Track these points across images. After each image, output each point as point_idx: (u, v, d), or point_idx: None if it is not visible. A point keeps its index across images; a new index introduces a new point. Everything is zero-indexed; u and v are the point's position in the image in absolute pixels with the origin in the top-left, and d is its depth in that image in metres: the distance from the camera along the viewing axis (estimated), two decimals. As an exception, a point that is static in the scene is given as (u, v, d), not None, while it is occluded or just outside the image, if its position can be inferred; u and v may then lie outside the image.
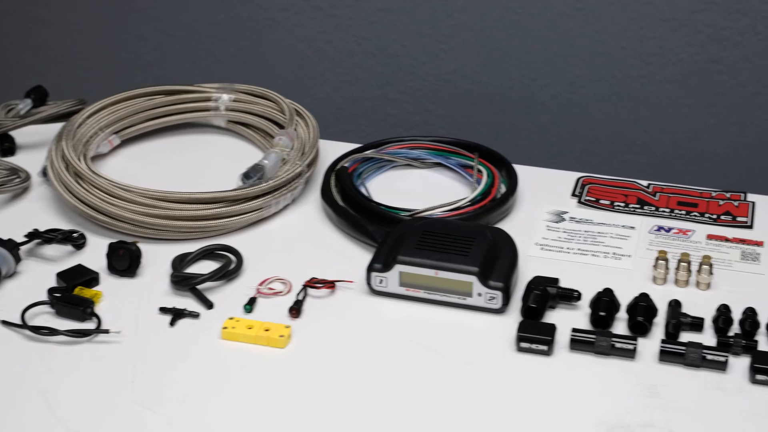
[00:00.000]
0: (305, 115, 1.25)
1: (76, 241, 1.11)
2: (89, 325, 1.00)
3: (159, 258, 1.09)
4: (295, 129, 1.22)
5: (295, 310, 1.02)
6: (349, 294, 1.05)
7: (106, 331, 0.99)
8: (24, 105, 1.29)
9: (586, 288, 1.03)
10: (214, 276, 1.05)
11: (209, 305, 1.03)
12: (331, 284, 1.05)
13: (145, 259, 1.08)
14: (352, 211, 1.14)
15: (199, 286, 1.05)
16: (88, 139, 1.22)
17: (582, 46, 1.48)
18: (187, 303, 1.04)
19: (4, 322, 1.00)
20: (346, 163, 1.21)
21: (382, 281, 1.04)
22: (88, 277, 1.06)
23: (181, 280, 1.05)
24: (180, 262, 1.07)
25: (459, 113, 1.57)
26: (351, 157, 1.22)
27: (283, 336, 0.99)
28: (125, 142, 1.29)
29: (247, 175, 1.15)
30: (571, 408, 0.92)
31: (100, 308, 1.03)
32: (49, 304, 1.02)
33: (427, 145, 1.25)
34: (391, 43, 1.54)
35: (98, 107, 1.25)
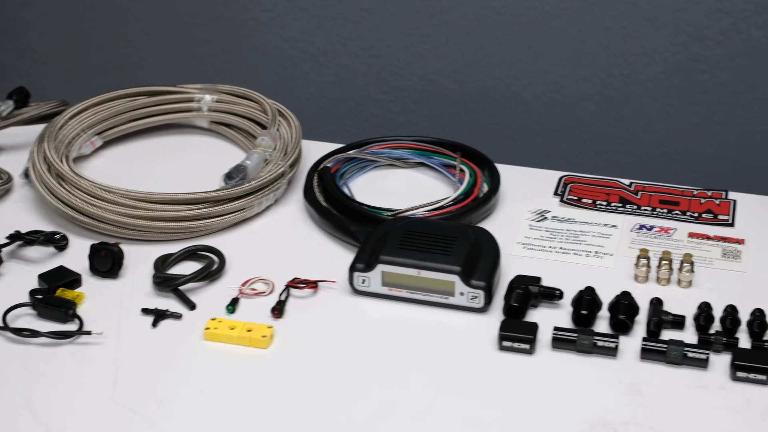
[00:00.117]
0: (288, 116, 1.25)
1: (58, 243, 1.11)
2: (71, 327, 1.00)
3: (141, 259, 1.09)
4: (278, 129, 1.22)
5: (278, 311, 1.02)
6: (331, 294, 1.05)
7: (88, 333, 0.99)
8: (6, 106, 1.29)
9: (569, 287, 1.03)
10: (197, 277, 1.05)
11: (192, 306, 1.03)
12: (313, 284, 1.05)
13: (128, 260, 1.08)
14: (335, 211, 1.14)
15: (181, 287, 1.05)
16: (71, 141, 1.21)
17: (565, 46, 1.49)
18: (170, 304, 1.04)
19: (-14, 324, 1.00)
20: (328, 164, 1.21)
21: (364, 281, 1.04)
22: (70, 279, 1.05)
23: (164, 281, 1.05)
24: (162, 263, 1.07)
25: (443, 113, 1.57)
26: (334, 158, 1.22)
27: (266, 336, 0.99)
28: (108, 144, 1.28)
29: (229, 176, 1.15)
30: (553, 406, 0.92)
31: (82, 310, 1.03)
32: (31, 306, 1.02)
33: (409, 144, 1.25)
34: (374, 44, 1.54)
35: (80, 108, 1.25)
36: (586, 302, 1.01)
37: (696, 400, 0.93)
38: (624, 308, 1.00)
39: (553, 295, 1.03)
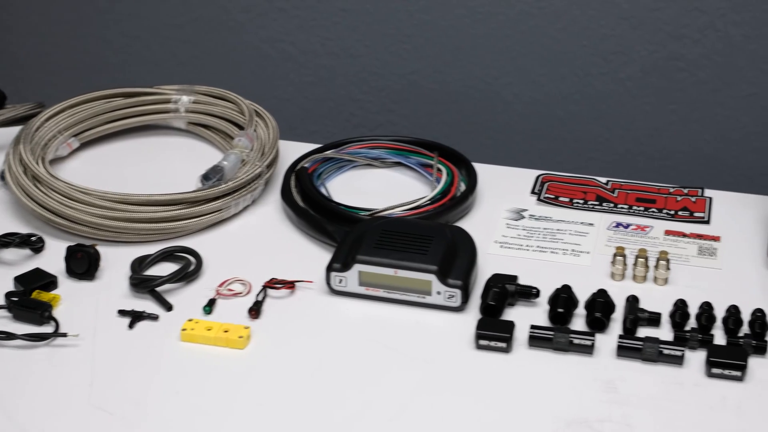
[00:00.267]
0: (265, 116, 1.25)
1: (35, 245, 1.10)
2: (47, 329, 1.00)
3: (118, 261, 1.08)
4: (255, 130, 1.22)
5: (255, 311, 1.02)
6: (308, 294, 1.05)
7: (64, 335, 0.99)
8: (-18, 109, 1.29)
9: (545, 285, 1.04)
10: (174, 278, 1.05)
11: (168, 307, 1.03)
12: (290, 284, 1.05)
13: (104, 261, 1.08)
14: (312, 211, 1.14)
15: (158, 288, 1.04)
16: (47, 143, 1.21)
17: (544, 45, 1.49)
18: (147, 305, 1.03)
19: (-39, 327, 1.00)
20: (306, 164, 1.21)
21: (341, 281, 1.04)
22: (46, 281, 1.05)
23: (140, 283, 1.05)
24: (139, 265, 1.07)
25: (422, 113, 1.57)
26: (311, 158, 1.22)
27: (243, 337, 0.99)
28: (84, 145, 1.28)
29: (206, 177, 1.15)
30: (529, 404, 0.93)
31: (58, 312, 1.02)
32: (6, 308, 1.02)
33: (387, 144, 1.25)
34: (354, 44, 1.54)
35: (56, 110, 1.24)
36: (563, 300, 1.01)
37: (671, 397, 0.93)
38: (600, 306, 1.01)
39: (529, 294, 1.03)
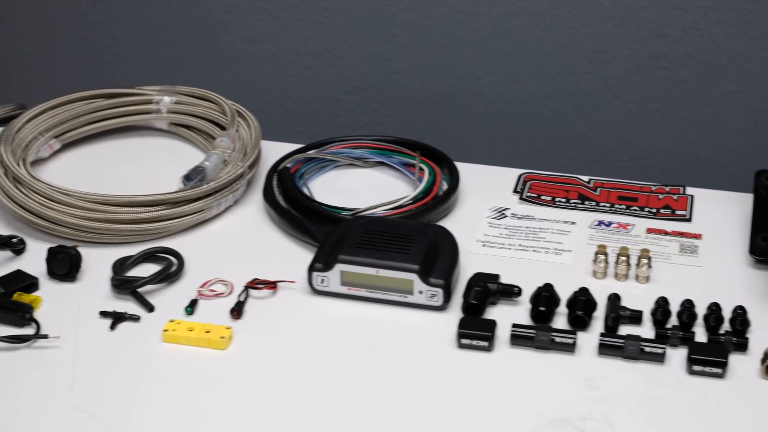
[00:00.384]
0: (247, 116, 1.25)
1: (15, 247, 1.10)
2: (28, 331, 0.99)
3: (100, 262, 1.08)
4: (237, 130, 1.22)
5: (237, 311, 1.02)
6: (290, 294, 1.05)
7: (45, 337, 0.98)
8: (-38, 111, 1.29)
9: (528, 283, 1.04)
10: (155, 279, 1.05)
11: (150, 308, 1.03)
12: (272, 285, 1.05)
13: (86, 263, 1.07)
14: (295, 211, 1.14)
15: (139, 289, 1.04)
16: (28, 144, 1.21)
17: (527, 44, 1.49)
18: (128, 306, 1.03)
19: (-58, 330, 1.00)
20: (288, 164, 1.21)
21: (323, 281, 1.04)
22: (27, 283, 1.05)
23: (122, 284, 1.05)
24: (121, 266, 1.07)
25: (406, 112, 1.57)
26: (293, 158, 1.22)
27: (224, 337, 0.99)
28: (66, 146, 1.27)
29: (188, 177, 1.14)
30: (511, 403, 0.93)
31: (39, 313, 1.02)
32: (-13, 310, 1.02)
33: (369, 144, 1.25)
34: (337, 44, 1.54)
35: (37, 111, 1.24)
36: (545, 299, 1.01)
37: (653, 395, 0.93)
38: (582, 304, 1.01)
39: (511, 292, 1.03)
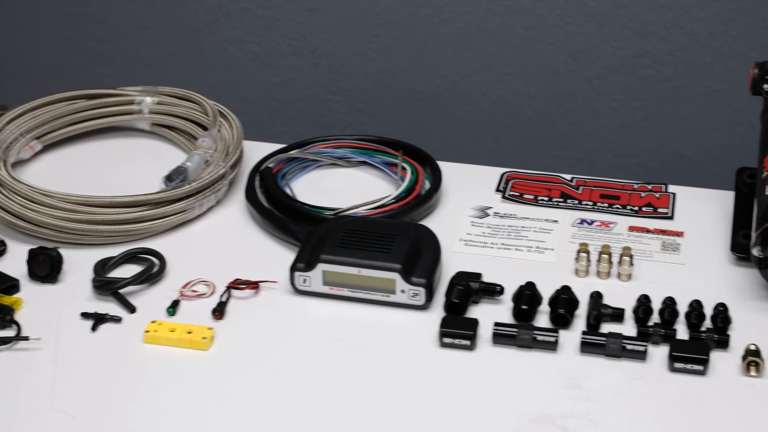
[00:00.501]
0: (229, 117, 1.25)
1: (-4, 248, 1.10)
2: (9, 333, 0.99)
3: (81, 263, 1.08)
4: (219, 130, 1.22)
5: (219, 312, 1.02)
6: (273, 294, 1.05)
7: (26, 338, 0.98)
8: (-57, 112, 1.28)
9: (510, 282, 1.04)
10: (137, 280, 1.05)
11: (132, 309, 1.03)
12: (254, 285, 1.05)
13: (67, 264, 1.07)
14: (277, 211, 1.14)
15: (121, 291, 1.04)
16: (8, 145, 1.20)
17: (511, 43, 1.49)
18: (110, 308, 1.03)
19: None
20: (270, 164, 1.20)
21: (305, 281, 1.04)
22: (8, 284, 1.04)
23: (103, 285, 1.04)
24: (102, 267, 1.07)
25: (390, 112, 1.57)
26: (275, 158, 1.22)
27: (206, 338, 0.98)
28: (47, 148, 1.27)
29: (169, 178, 1.14)
30: (493, 401, 0.93)
31: (20, 315, 1.02)
32: (-32, 313, 1.01)
33: (351, 143, 1.25)
34: (321, 44, 1.54)
35: (18, 113, 1.24)
36: (527, 297, 1.01)
37: (634, 392, 0.93)
38: (564, 302, 1.01)
39: (493, 291, 1.03)
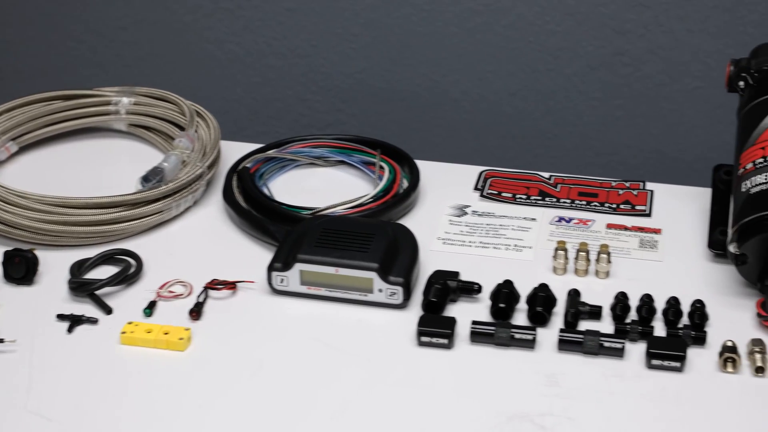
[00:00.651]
0: (206, 117, 1.24)
1: (-28, 251, 1.09)
2: (-16, 335, 0.99)
3: (57, 265, 1.07)
4: (196, 130, 1.21)
5: (196, 312, 1.01)
6: (250, 294, 1.05)
7: (1, 341, 0.97)
8: None
9: (488, 280, 1.04)
10: (113, 281, 1.04)
11: (108, 310, 1.02)
12: (232, 285, 1.05)
13: (43, 266, 1.07)
14: (255, 211, 1.14)
15: (98, 292, 1.04)
16: (-16, 147, 1.20)
17: (490, 42, 1.49)
18: (86, 309, 1.02)
19: None
20: (248, 164, 1.20)
21: (283, 280, 1.03)
22: (-17, 287, 1.04)
23: (79, 286, 1.04)
24: (78, 268, 1.06)
25: (371, 111, 1.57)
26: (253, 158, 1.21)
27: (183, 339, 0.98)
28: (23, 149, 1.26)
29: (146, 179, 1.14)
30: (470, 400, 0.93)
31: (-5, 317, 1.01)
32: (-58, 315, 1.01)
33: (329, 143, 1.24)
34: (300, 43, 1.54)
35: (-6, 114, 1.23)
36: (504, 295, 1.01)
37: (612, 389, 0.94)
38: (541, 300, 1.01)
39: (471, 290, 1.03)
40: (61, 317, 1.01)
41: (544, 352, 0.98)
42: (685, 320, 1.00)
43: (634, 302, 1.02)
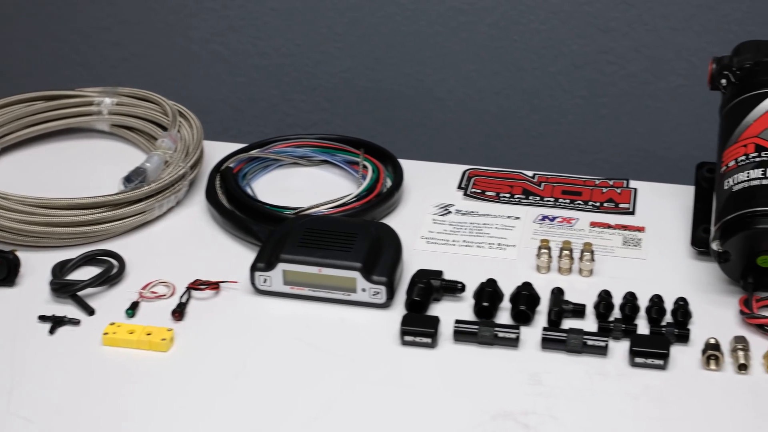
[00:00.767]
0: (189, 117, 1.24)
1: (-47, 252, 1.08)
2: (-35, 337, 0.98)
3: (39, 266, 1.07)
4: (179, 130, 1.21)
5: (178, 313, 1.01)
6: (233, 294, 1.05)
7: (-18, 342, 0.97)
8: None
9: (472, 279, 1.03)
10: (95, 282, 1.04)
11: (90, 311, 1.02)
12: (215, 285, 1.04)
13: (25, 267, 1.06)
14: (238, 211, 1.14)
15: (80, 293, 1.03)
16: (-34, 148, 1.19)
17: (475, 41, 1.49)
18: (68, 310, 1.02)
19: None
20: (231, 164, 1.20)
21: (266, 280, 1.03)
22: (-36, 288, 1.04)
23: (61, 287, 1.03)
24: (60, 269, 1.06)
25: (356, 111, 1.56)
26: (236, 158, 1.21)
27: (165, 339, 0.98)
28: (5, 150, 1.25)
29: (128, 179, 1.13)
30: (454, 399, 0.92)
31: (-24, 319, 1.01)
32: (-77, 317, 1.00)
33: (312, 142, 1.24)
34: (285, 43, 1.54)
35: (-25, 115, 1.23)
36: (488, 294, 1.01)
37: (595, 388, 0.93)
38: (525, 299, 1.01)
39: (455, 288, 1.03)
40: (43, 318, 1.01)
41: (527, 350, 0.97)
42: (668, 318, 1.00)
43: (618, 300, 1.01)
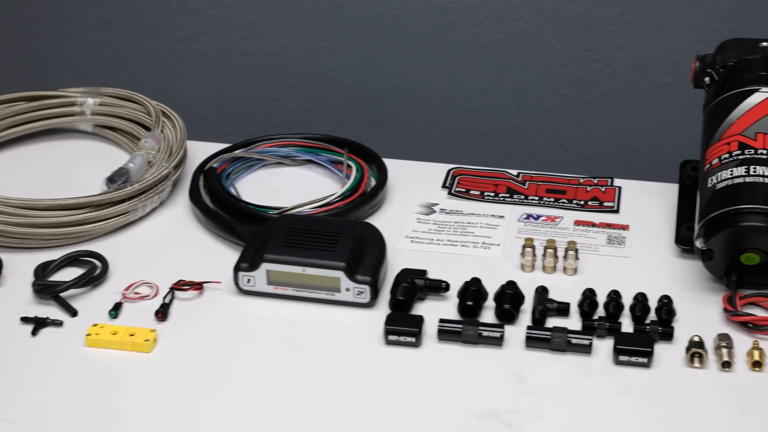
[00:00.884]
0: (172, 117, 1.24)
1: (-65, 254, 1.08)
2: (-53, 339, 0.98)
3: (22, 267, 1.06)
4: (162, 131, 1.20)
5: (162, 314, 1.01)
6: (217, 295, 1.04)
7: (-36, 344, 0.97)
8: None
9: (456, 278, 1.03)
10: (78, 283, 1.03)
11: (73, 313, 1.01)
12: (198, 286, 1.04)
13: (7, 269, 1.06)
14: (221, 211, 1.13)
15: (62, 294, 1.03)
16: (-53, 149, 1.19)
17: (460, 40, 1.49)
18: (51, 311, 1.02)
19: None
20: (214, 164, 1.19)
21: (249, 280, 1.03)
22: (-54, 290, 1.03)
23: (44, 289, 1.03)
24: (43, 271, 1.05)
25: (341, 110, 1.56)
26: (220, 158, 1.21)
27: (149, 340, 0.97)
28: (-13, 151, 1.26)
29: (111, 179, 1.13)
30: (438, 398, 0.92)
31: (-42, 321, 1.00)
32: None
33: (296, 142, 1.24)
34: (270, 42, 1.53)
35: (-43, 116, 1.22)
36: (472, 293, 1.01)
37: (579, 386, 0.93)
38: (509, 298, 1.01)
39: (439, 288, 1.03)
40: (25, 320, 1.00)
41: (511, 349, 0.97)
42: (652, 316, 1.00)
43: (602, 299, 1.01)
